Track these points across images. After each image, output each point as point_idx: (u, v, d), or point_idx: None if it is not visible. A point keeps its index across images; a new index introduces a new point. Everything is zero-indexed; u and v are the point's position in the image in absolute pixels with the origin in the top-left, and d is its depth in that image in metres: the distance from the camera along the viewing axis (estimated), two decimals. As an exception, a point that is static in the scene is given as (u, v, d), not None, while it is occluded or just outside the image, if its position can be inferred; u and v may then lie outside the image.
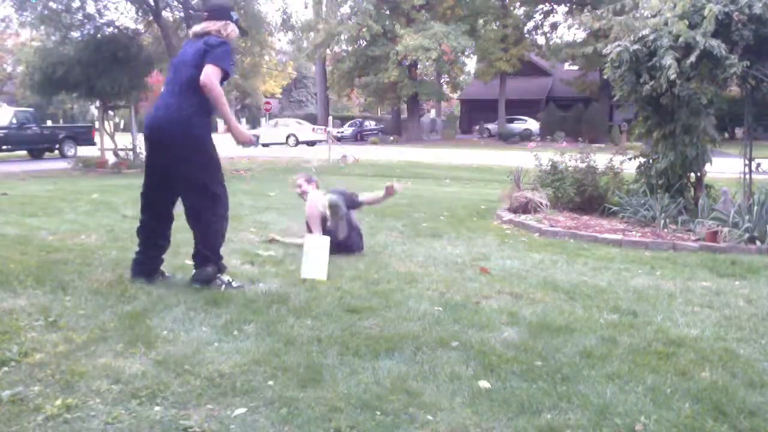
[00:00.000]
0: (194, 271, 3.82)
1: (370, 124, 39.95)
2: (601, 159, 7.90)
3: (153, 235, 3.81)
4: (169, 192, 3.72)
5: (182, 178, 3.58)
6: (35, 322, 3.13)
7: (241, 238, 5.51)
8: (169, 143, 3.48)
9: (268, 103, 44.36)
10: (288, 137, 29.82)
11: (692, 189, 6.93)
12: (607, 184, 7.58)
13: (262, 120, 38.07)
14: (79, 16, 14.14)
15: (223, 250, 4.84)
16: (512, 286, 4.16)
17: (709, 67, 6.16)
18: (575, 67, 34.60)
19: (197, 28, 3.71)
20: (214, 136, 3.76)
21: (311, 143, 29.23)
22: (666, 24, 6.30)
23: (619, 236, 6.02)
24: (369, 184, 5.70)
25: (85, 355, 2.74)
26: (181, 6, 14.58)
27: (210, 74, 3.40)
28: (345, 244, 4.91)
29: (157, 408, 2.30)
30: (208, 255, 3.73)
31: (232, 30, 3.70)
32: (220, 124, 52.38)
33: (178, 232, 5.69)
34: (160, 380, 2.51)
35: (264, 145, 26.44)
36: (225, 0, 3.93)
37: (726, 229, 5.75)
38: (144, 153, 3.87)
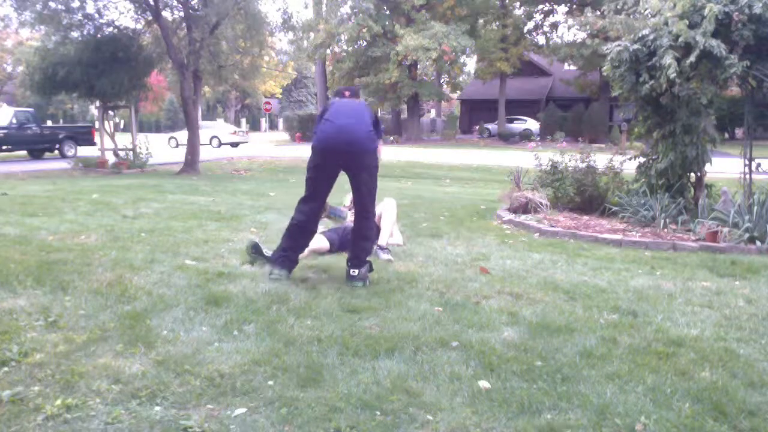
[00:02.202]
0: (354, 273, 4.13)
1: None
2: (601, 159, 7.90)
3: (309, 235, 4.37)
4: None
5: (364, 182, 4.21)
6: (35, 322, 3.13)
7: (241, 238, 5.51)
8: (361, 152, 4.13)
9: (268, 103, 44.38)
10: (211, 139, 30.63)
11: (692, 189, 6.93)
12: (607, 184, 7.59)
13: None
14: (79, 15, 14.12)
15: (222, 250, 4.86)
16: (512, 286, 4.16)
17: (708, 67, 6.17)
18: (575, 67, 34.60)
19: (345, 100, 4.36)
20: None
21: (235, 144, 29.97)
22: (666, 24, 6.31)
23: (619, 236, 6.02)
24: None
25: (85, 355, 2.74)
26: (181, 6, 14.55)
27: (380, 149, 4.40)
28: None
29: (157, 408, 2.30)
30: (365, 256, 4.23)
31: None
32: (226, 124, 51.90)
33: (179, 232, 5.71)
34: (160, 380, 2.51)
35: None
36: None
37: (726, 229, 5.75)
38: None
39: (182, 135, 30.54)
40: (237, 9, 14.40)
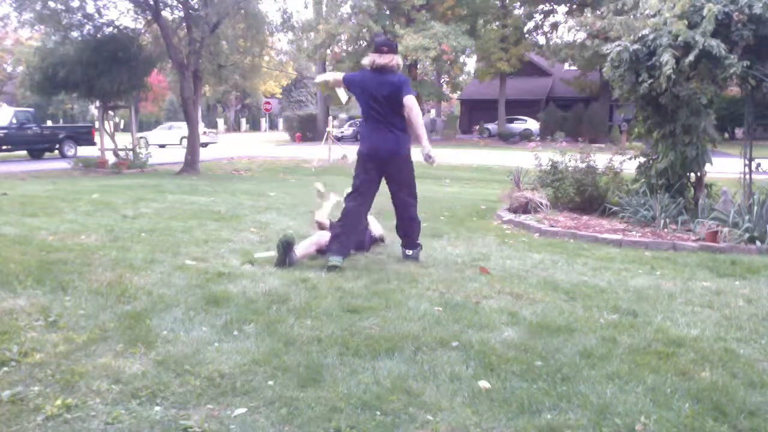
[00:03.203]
0: (409, 253, 4.90)
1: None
2: (601, 159, 7.90)
3: (361, 218, 4.85)
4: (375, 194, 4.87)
5: (402, 182, 4.82)
6: (35, 322, 3.13)
7: (241, 238, 5.51)
8: (396, 158, 4.71)
9: (268, 103, 44.38)
10: (182, 139, 30.68)
11: (692, 189, 6.93)
12: (607, 184, 7.59)
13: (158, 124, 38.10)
14: (79, 15, 14.11)
15: (222, 250, 4.88)
16: (512, 286, 4.16)
17: (708, 67, 6.17)
18: (575, 67, 34.59)
19: (382, 60, 4.60)
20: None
21: (204, 145, 29.95)
22: (665, 24, 6.31)
23: (619, 236, 6.02)
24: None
25: (85, 355, 2.73)
26: (181, 6, 14.55)
27: (413, 99, 4.65)
28: (359, 244, 5.10)
29: (157, 408, 2.30)
30: (416, 238, 4.98)
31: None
32: (220, 123, 52.06)
33: (179, 232, 5.71)
34: (160, 380, 2.51)
35: (160, 146, 27.65)
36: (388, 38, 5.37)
37: (726, 229, 5.75)
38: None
39: (153, 135, 30.53)
40: (237, 9, 14.40)
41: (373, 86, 4.60)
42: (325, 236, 4.90)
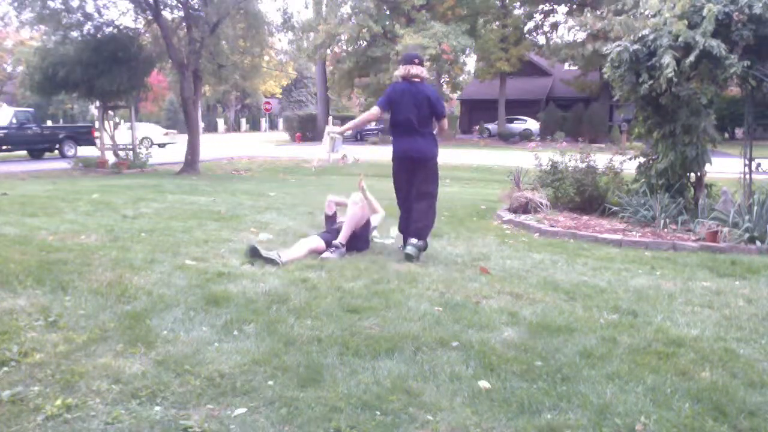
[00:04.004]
0: (413, 241, 4.98)
1: (370, 125, 39.88)
2: (601, 159, 7.89)
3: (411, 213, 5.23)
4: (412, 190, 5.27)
5: (427, 178, 5.16)
6: (35, 322, 3.13)
7: (241, 238, 5.51)
8: (427, 159, 5.14)
9: (268, 103, 44.39)
10: (143, 139, 30.75)
11: (692, 189, 6.93)
12: (607, 184, 7.59)
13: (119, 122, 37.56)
14: (78, 15, 14.10)
15: (222, 250, 4.88)
16: (512, 286, 4.16)
17: (709, 67, 6.17)
18: (575, 67, 34.57)
19: (415, 70, 5.09)
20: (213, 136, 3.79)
21: (162, 145, 29.66)
22: (665, 24, 6.31)
23: (619, 236, 6.02)
24: (368, 185, 5.73)
25: (85, 355, 2.73)
26: (181, 5, 14.54)
27: (446, 124, 5.34)
28: (357, 245, 5.10)
29: (157, 408, 2.30)
30: (426, 233, 5.13)
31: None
32: (220, 123, 52.14)
33: (179, 232, 5.71)
34: (160, 380, 2.51)
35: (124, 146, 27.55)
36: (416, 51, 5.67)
37: (726, 229, 5.75)
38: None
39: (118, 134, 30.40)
40: (237, 9, 14.39)
41: (411, 95, 5.05)
42: (314, 242, 4.94)
